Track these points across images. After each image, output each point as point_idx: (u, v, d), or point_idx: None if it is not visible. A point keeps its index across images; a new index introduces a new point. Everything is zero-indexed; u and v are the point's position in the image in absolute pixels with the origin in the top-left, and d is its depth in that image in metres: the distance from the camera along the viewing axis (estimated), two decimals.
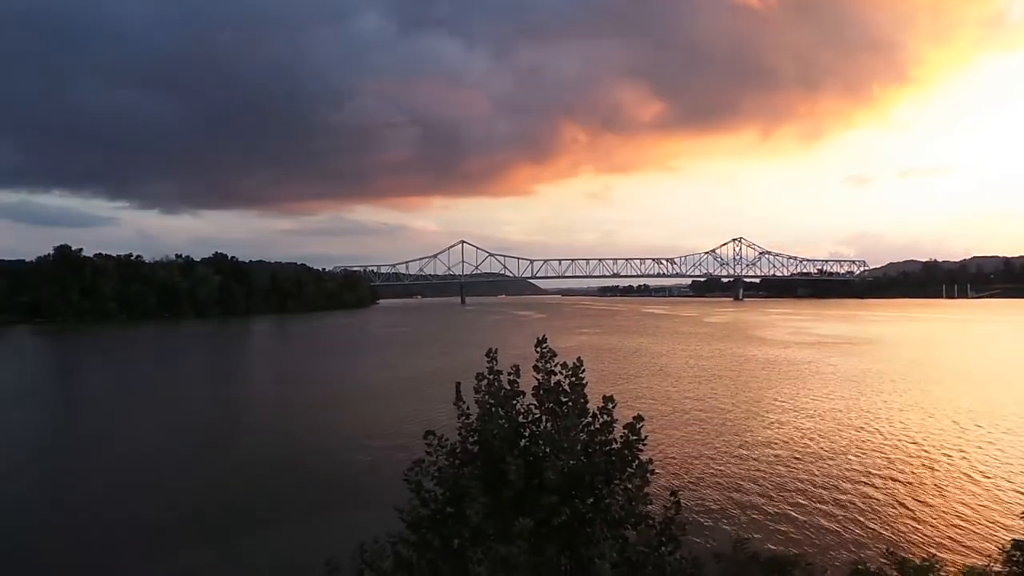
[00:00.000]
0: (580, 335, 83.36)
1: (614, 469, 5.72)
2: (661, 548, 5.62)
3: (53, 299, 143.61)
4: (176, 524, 17.05)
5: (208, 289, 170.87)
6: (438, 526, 6.01)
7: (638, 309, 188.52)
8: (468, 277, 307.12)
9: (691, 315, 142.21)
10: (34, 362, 68.88)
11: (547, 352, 6.09)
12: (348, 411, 32.83)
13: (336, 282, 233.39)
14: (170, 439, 27.71)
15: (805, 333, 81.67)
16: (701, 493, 18.50)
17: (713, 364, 49.66)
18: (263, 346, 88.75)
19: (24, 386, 46.75)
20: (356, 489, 19.44)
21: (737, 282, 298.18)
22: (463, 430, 6.22)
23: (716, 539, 13.89)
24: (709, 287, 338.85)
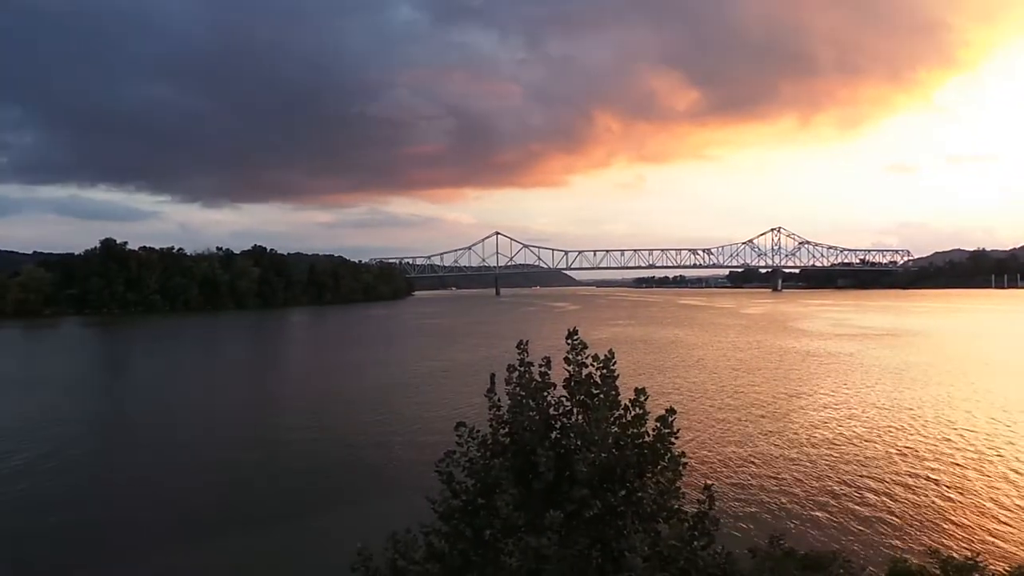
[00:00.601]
0: (613, 326, 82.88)
1: (646, 462, 5.66)
2: (693, 543, 5.56)
3: (100, 291, 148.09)
4: (213, 509, 17.47)
5: (248, 281, 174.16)
6: (469, 517, 6.03)
7: (673, 300, 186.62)
8: (502, 268, 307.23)
9: (728, 306, 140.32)
10: (83, 352, 71.11)
11: (578, 344, 6.05)
12: (382, 401, 33.18)
13: (372, 274, 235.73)
14: (211, 426, 28.38)
15: (846, 324, 79.93)
16: (736, 487, 18.27)
17: (750, 356, 48.92)
18: (301, 337, 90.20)
19: (74, 375, 48.36)
20: (388, 479, 19.67)
21: (775, 273, 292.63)
22: (494, 422, 6.22)
23: (751, 534, 13.73)
24: (746, 278, 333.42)
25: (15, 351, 71.87)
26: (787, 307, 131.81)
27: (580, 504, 5.44)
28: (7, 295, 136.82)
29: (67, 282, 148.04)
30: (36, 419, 29.89)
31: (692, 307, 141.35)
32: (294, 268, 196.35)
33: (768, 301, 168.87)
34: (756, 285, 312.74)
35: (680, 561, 5.39)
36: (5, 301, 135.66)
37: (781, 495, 17.59)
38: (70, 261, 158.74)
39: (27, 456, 22.80)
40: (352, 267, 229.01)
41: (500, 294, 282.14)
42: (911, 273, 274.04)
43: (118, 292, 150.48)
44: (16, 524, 16.49)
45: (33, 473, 20.89)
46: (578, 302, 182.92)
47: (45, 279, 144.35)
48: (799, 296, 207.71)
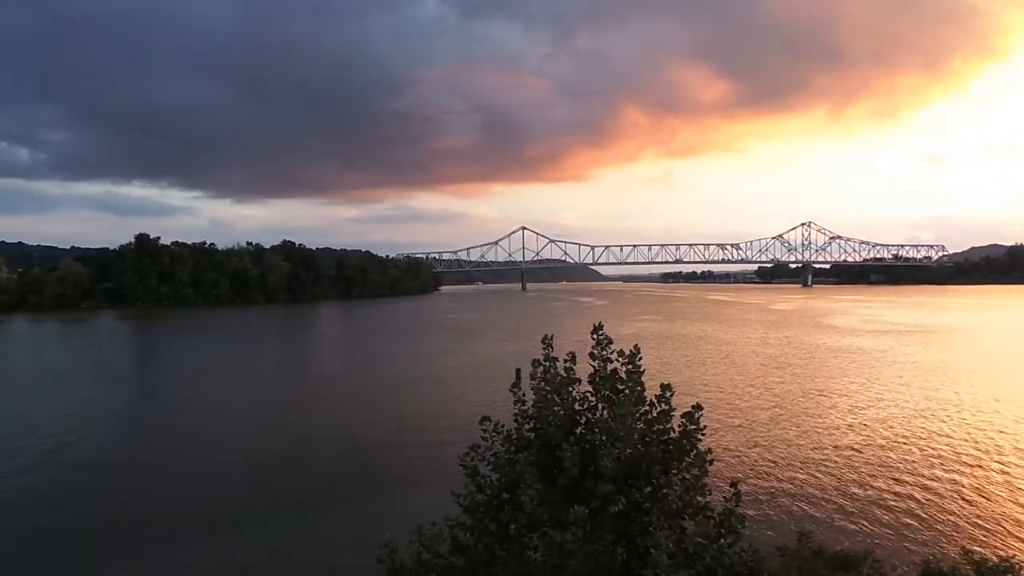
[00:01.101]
0: (640, 321, 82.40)
1: (671, 458, 5.63)
2: (720, 540, 5.51)
3: (134, 285, 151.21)
4: (243, 500, 17.76)
5: (277, 275, 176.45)
6: (494, 511, 6.05)
7: (701, 295, 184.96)
8: (529, 263, 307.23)
9: (757, 302, 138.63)
10: (119, 345, 72.68)
11: (604, 339, 6.03)
12: (408, 394, 33.42)
13: (399, 269, 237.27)
14: (242, 418, 28.84)
15: (878, 321, 78.50)
16: (764, 485, 18.06)
17: (780, 352, 48.28)
18: (330, 331, 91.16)
19: (110, 367, 49.48)
20: (414, 472, 19.80)
21: (806, 268, 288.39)
22: (519, 416, 6.23)
23: (778, 532, 13.56)
24: (776, 273, 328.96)
25: (54, 343, 73.71)
26: (817, 303, 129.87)
27: (605, 500, 5.43)
28: (45, 289, 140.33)
29: (103, 276, 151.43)
30: (73, 410, 30.62)
31: (720, 302, 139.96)
32: (322, 263, 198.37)
33: (798, 297, 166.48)
34: (785, 281, 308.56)
35: (706, 558, 5.34)
36: (44, 295, 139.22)
37: (810, 493, 17.35)
38: (105, 256, 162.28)
39: (64, 446, 23.37)
40: (379, 262, 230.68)
41: (526, 289, 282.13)
42: (946, 269, 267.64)
43: (151, 286, 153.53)
44: (51, 512, 16.93)
45: (70, 462, 21.41)
46: (604, 297, 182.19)
47: (82, 273, 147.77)
48: (830, 292, 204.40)
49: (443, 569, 5.97)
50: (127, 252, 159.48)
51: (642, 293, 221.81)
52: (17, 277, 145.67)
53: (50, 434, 25.08)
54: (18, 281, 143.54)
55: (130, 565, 13.78)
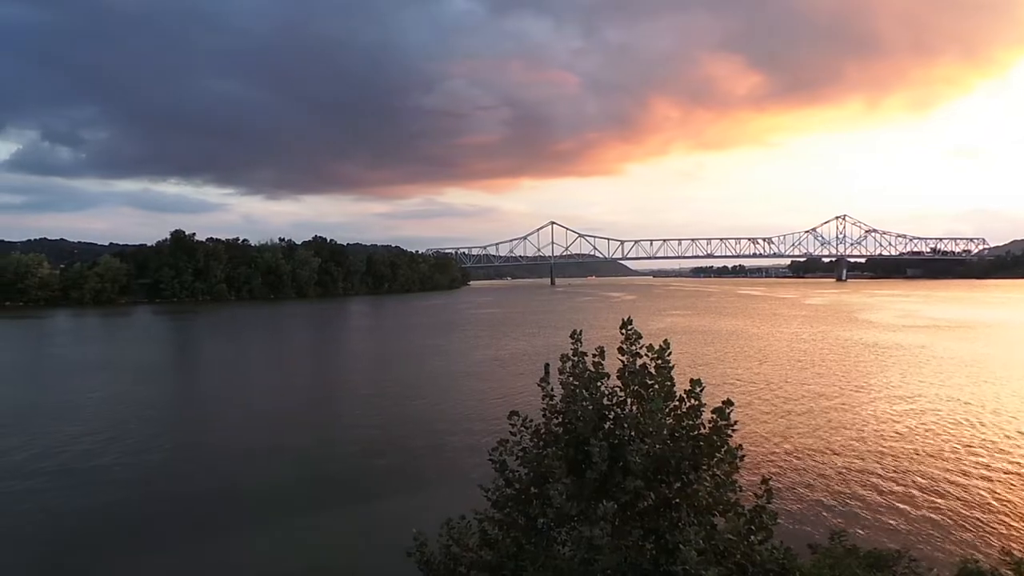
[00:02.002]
0: (670, 316, 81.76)
1: (701, 454, 5.58)
2: (751, 537, 5.46)
3: (170, 280, 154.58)
4: (273, 491, 18.03)
5: (308, 271, 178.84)
6: (522, 505, 6.08)
7: (732, 290, 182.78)
8: (558, 258, 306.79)
9: (789, 296, 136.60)
10: (156, 338, 74.28)
11: (632, 334, 6.00)
12: (437, 388, 33.60)
13: (428, 264, 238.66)
14: (274, 410, 29.27)
15: (916, 316, 76.78)
16: (796, 482, 17.81)
17: (814, 347, 47.48)
18: (360, 325, 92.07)
19: (148, 359, 50.62)
20: (443, 466, 19.91)
21: (840, 262, 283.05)
22: (547, 411, 6.24)
23: (811, 530, 13.36)
24: (809, 268, 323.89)
25: (94, 337, 75.62)
26: (852, 297, 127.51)
27: (634, 495, 5.41)
28: (86, 284, 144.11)
29: (140, 272, 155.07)
30: (113, 401, 31.39)
31: (751, 297, 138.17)
32: (352, 258, 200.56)
33: (832, 291, 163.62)
34: (819, 275, 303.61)
35: (737, 555, 5.30)
36: (84, 290, 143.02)
37: (844, 491, 17.06)
38: (143, 252, 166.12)
39: (103, 435, 23.97)
40: (409, 257, 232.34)
41: (555, 284, 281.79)
42: (986, 263, 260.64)
43: (187, 281, 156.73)
44: (88, 501, 17.40)
45: (107, 452, 21.95)
46: (633, 292, 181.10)
47: (120, 269, 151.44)
48: (865, 286, 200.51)
49: (472, 562, 6.02)
50: (164, 248, 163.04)
51: (672, 288, 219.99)
52: (59, 273, 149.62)
53: (89, 423, 25.74)
54: (60, 276, 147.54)
55: (161, 553, 14.10)
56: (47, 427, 25.48)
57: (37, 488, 18.35)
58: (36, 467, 20.25)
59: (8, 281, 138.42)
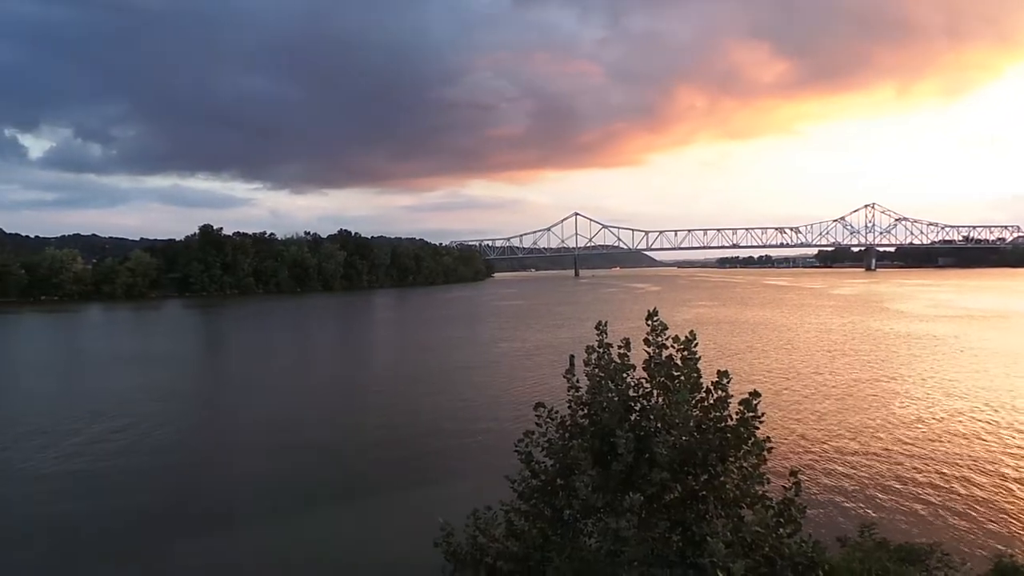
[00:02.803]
0: (696, 307, 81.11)
1: (728, 446, 5.54)
2: (779, 529, 5.42)
3: (199, 275, 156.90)
4: (300, 482, 18.27)
5: (334, 264, 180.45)
6: (548, 497, 6.09)
7: (759, 280, 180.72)
8: (582, 250, 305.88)
9: (817, 286, 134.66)
10: (187, 331, 75.58)
11: (658, 325, 5.97)
12: (463, 380, 33.74)
13: (453, 256, 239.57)
14: (301, 401, 29.64)
15: (948, 306, 75.25)
16: (825, 474, 17.60)
17: (843, 338, 46.78)
18: (385, 317, 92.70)
19: (179, 352, 51.60)
20: (468, 456, 20.01)
21: (869, 251, 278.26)
22: (573, 403, 6.24)
23: (840, 523, 13.22)
24: (837, 257, 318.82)
25: (126, 330, 77.06)
26: (882, 287, 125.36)
27: (660, 487, 5.40)
28: (117, 279, 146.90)
29: (170, 266, 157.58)
30: (144, 392, 31.95)
31: (778, 287, 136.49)
32: (377, 251, 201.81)
33: (861, 281, 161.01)
34: (847, 265, 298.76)
35: (765, 548, 5.26)
36: (115, 285, 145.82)
37: (874, 484, 16.83)
38: (172, 247, 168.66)
39: (138, 426, 24.45)
40: (433, 250, 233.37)
41: (579, 275, 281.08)
42: (1021, 251, 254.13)
43: (215, 275, 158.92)
44: (118, 488, 17.79)
45: (139, 442, 22.38)
46: (659, 283, 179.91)
47: (151, 264, 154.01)
48: (894, 275, 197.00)
49: (498, 553, 6.05)
50: (192, 243, 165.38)
51: (698, 278, 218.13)
52: (92, 268, 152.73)
53: (121, 413, 26.27)
54: (92, 271, 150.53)
55: (190, 543, 14.37)
56: (88, 417, 26.05)
57: (80, 475, 18.82)
58: (84, 455, 20.75)
59: (43, 276, 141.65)
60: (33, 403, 29.90)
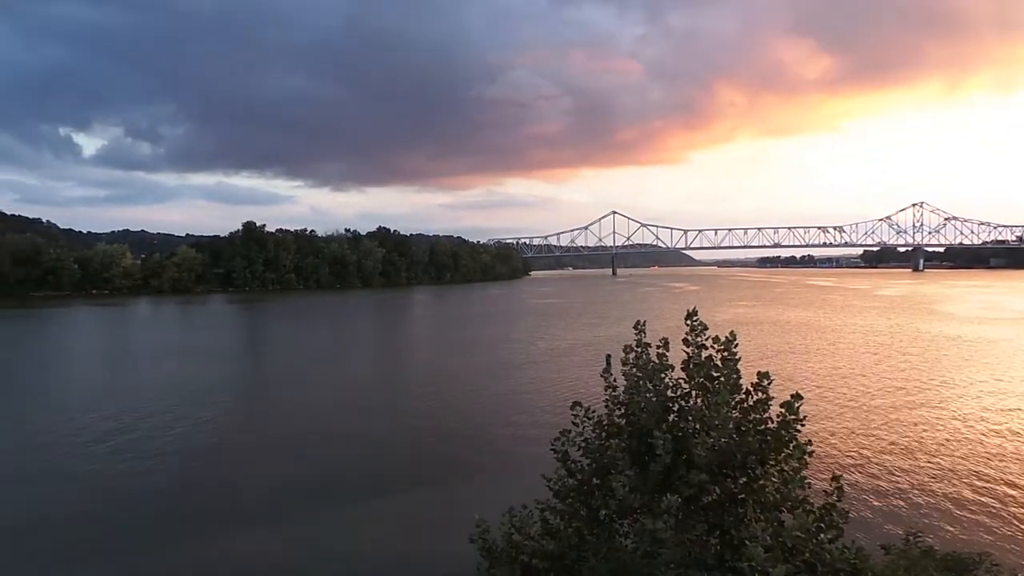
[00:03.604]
0: (736, 307, 79.89)
1: (768, 449, 5.45)
2: (820, 535, 5.31)
3: (242, 270, 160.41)
4: (336, 476, 18.54)
5: (373, 261, 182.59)
6: (584, 496, 6.07)
7: (801, 281, 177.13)
8: (620, 248, 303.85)
9: (862, 287, 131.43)
10: (231, 325, 77.35)
11: (698, 325, 5.90)
12: (499, 377, 33.81)
13: (490, 254, 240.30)
14: (340, 396, 30.05)
15: (1001, 308, 72.72)
16: (870, 479, 17.17)
17: (889, 340, 45.55)
18: (423, 314, 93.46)
19: (224, 345, 52.89)
20: (504, 454, 20.07)
21: (916, 251, 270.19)
22: (610, 402, 6.21)
23: (884, 530, 12.90)
24: (882, 257, 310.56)
25: (174, 324, 79.10)
26: (929, 288, 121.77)
27: (698, 489, 5.34)
28: (164, 274, 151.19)
29: (214, 262, 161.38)
30: (195, 384, 32.75)
31: (821, 288, 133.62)
32: (415, 249, 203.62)
33: (907, 282, 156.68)
34: (893, 265, 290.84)
35: (805, 553, 5.16)
36: (163, 279, 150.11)
37: (921, 491, 16.36)
38: (217, 242, 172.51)
39: (178, 418, 25.12)
40: (471, 247, 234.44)
41: (617, 274, 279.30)
42: None
43: (258, 271, 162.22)
44: (162, 478, 18.29)
45: (182, 434, 22.99)
46: (698, 282, 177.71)
47: (196, 259, 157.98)
48: (943, 276, 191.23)
49: (533, 551, 6.06)
50: (236, 239, 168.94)
51: (738, 278, 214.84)
52: (140, 263, 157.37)
53: (176, 404, 27.02)
54: (141, 266, 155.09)
55: (227, 534, 14.71)
56: (145, 405, 26.85)
57: (128, 461, 19.43)
58: (134, 441, 21.42)
59: (95, 271, 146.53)
60: (99, 393, 31.06)
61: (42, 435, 23.03)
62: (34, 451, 21.24)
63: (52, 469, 19.24)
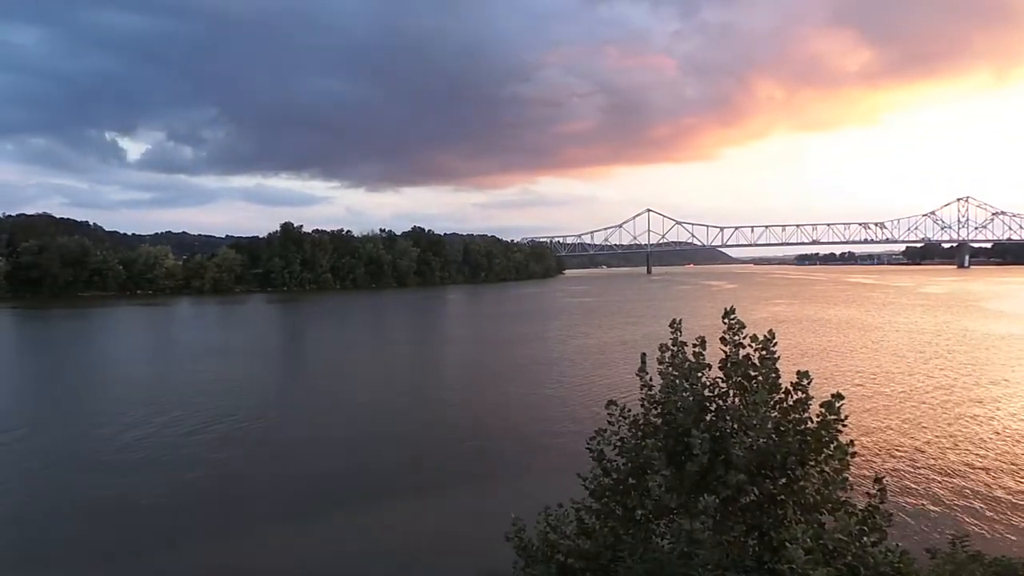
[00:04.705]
0: (774, 305, 78.59)
1: (808, 450, 5.35)
2: (863, 538, 5.20)
3: (280, 271, 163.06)
4: (372, 473, 18.75)
5: (408, 260, 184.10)
6: (620, 496, 6.04)
7: (841, 278, 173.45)
8: (654, 246, 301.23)
9: (905, 284, 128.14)
10: (269, 324, 78.71)
11: (735, 323, 5.81)
12: (534, 376, 33.79)
13: (524, 253, 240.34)
14: (375, 394, 30.40)
15: None
16: (915, 481, 16.74)
17: (936, 339, 44.26)
18: (458, 312, 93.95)
19: (264, 343, 53.94)
20: (539, 453, 20.05)
21: (962, 247, 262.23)
22: (646, 401, 6.16)
23: (930, 534, 12.58)
24: (926, 254, 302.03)
25: (217, 323, 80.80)
26: (977, 285, 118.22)
27: (736, 490, 5.27)
28: (206, 274, 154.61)
29: (253, 262, 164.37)
30: (238, 382, 33.41)
31: (862, 285, 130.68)
32: (450, 248, 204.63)
33: (953, 279, 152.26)
34: (937, 262, 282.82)
35: (847, 556, 5.05)
36: (204, 280, 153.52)
37: (969, 494, 15.89)
38: (255, 243, 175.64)
39: (232, 414, 25.67)
40: (504, 246, 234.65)
41: (651, 272, 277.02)
42: None
43: (295, 271, 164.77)
44: (198, 471, 18.72)
45: (237, 430, 23.49)
46: (734, 280, 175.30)
47: (236, 260, 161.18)
48: (990, 273, 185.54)
49: (569, 550, 6.05)
50: (274, 240, 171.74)
51: (775, 276, 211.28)
52: (182, 264, 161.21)
53: (220, 401, 27.64)
54: (183, 267, 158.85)
55: (264, 530, 14.99)
56: (192, 402, 27.54)
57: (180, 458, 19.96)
58: (183, 437, 21.99)
59: (139, 271, 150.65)
60: (154, 390, 32.02)
61: (101, 427, 24.10)
62: (94, 442, 22.13)
63: (104, 460, 19.90)
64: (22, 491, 17.98)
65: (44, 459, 20.59)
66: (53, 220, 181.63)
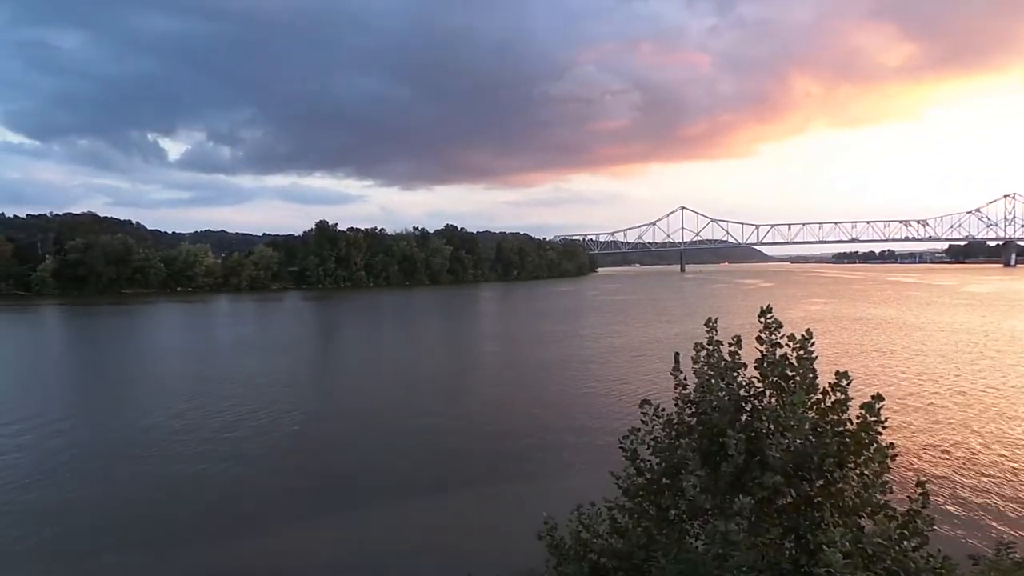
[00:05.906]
0: (811, 304, 77.18)
1: (847, 452, 5.24)
2: (904, 542, 5.07)
3: (315, 268, 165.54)
4: (403, 470, 18.91)
5: (441, 258, 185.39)
6: (654, 496, 5.99)
7: (880, 277, 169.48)
8: (688, 244, 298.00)
9: (948, 283, 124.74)
10: (308, 320, 79.93)
11: (772, 322, 5.71)
12: (568, 374, 33.73)
13: (556, 251, 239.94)
14: (409, 391, 30.66)
15: None
16: (958, 485, 16.30)
17: (981, 339, 42.97)
18: (490, 310, 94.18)
19: (300, 339, 54.88)
20: (572, 451, 20.02)
21: (1008, 245, 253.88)
22: (680, 401, 6.10)
23: (973, 540, 12.25)
24: (970, 252, 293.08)
25: (255, 319, 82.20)
26: (1023, 285, 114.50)
27: (772, 491, 5.18)
28: (243, 272, 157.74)
29: (289, 260, 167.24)
30: (275, 377, 33.98)
31: (903, 284, 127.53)
32: (482, 246, 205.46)
33: (998, 278, 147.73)
34: (982, 260, 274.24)
35: (887, 560, 4.94)
36: (241, 277, 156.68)
37: (1015, 500, 15.44)
38: (291, 241, 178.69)
39: (268, 409, 26.15)
40: (537, 244, 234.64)
41: (685, 271, 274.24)
42: None
43: (330, 269, 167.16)
44: (232, 465, 19.07)
45: (272, 424, 23.93)
46: (770, 279, 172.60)
47: (272, 258, 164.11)
48: None
49: (601, 549, 6.02)
50: (309, 238, 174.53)
51: (812, 274, 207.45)
52: (221, 261, 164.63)
53: (256, 396, 28.18)
54: (222, 265, 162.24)
55: (296, 525, 15.22)
56: (241, 392, 28.16)
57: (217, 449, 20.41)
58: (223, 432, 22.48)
59: (179, 269, 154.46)
60: (196, 383, 32.77)
61: (145, 417, 24.91)
62: (140, 433, 22.79)
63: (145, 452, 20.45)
64: (87, 474, 18.53)
65: (102, 446, 21.39)
66: (98, 219, 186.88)
